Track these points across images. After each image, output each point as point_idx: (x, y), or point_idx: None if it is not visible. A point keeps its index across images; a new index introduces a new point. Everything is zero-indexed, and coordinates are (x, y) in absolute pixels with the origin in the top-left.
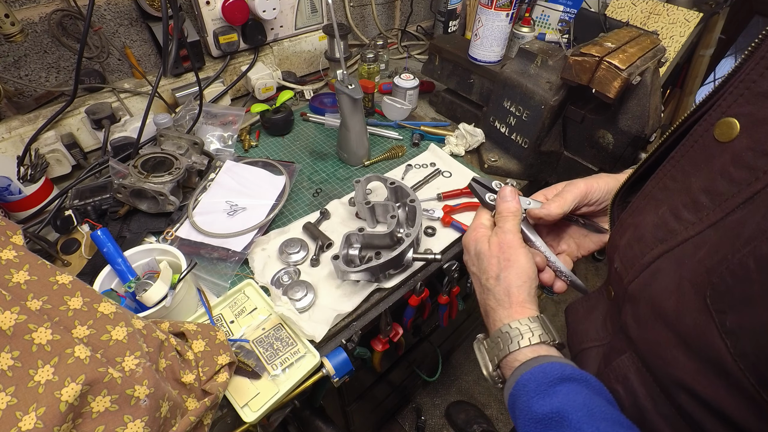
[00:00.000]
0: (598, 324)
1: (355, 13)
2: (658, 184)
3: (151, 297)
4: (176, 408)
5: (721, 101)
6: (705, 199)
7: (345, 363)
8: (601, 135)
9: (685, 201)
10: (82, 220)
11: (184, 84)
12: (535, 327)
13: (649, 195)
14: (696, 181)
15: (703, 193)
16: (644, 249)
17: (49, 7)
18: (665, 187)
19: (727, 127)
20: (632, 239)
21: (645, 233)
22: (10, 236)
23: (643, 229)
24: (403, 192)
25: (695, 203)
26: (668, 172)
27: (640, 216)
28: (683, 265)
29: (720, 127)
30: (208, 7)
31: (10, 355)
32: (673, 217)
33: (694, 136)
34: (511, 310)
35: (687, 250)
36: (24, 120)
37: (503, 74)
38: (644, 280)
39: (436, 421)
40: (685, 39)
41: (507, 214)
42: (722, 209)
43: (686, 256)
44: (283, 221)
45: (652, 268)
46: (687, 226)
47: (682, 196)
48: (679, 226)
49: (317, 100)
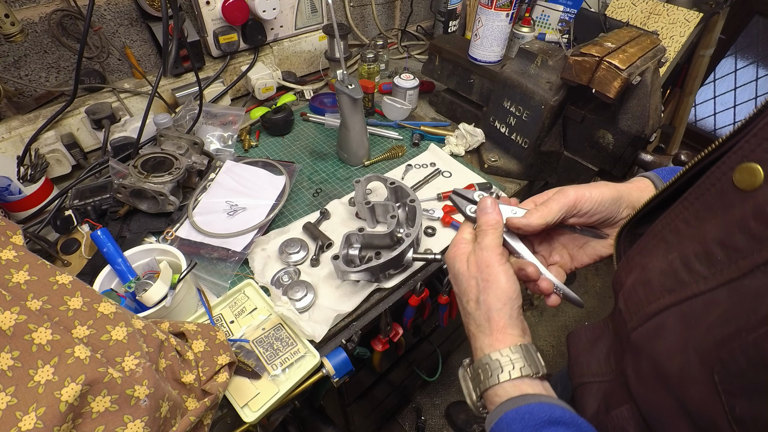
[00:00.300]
0: (601, 357)
1: (355, 13)
2: (669, 225)
3: (151, 297)
4: (176, 408)
5: (743, 143)
6: (720, 252)
7: (345, 363)
8: (601, 135)
9: (698, 251)
10: (82, 220)
11: (184, 84)
12: (517, 359)
13: (658, 235)
14: (711, 230)
15: (718, 246)
16: (650, 296)
17: (49, 7)
18: (677, 230)
19: (749, 174)
20: (638, 282)
21: (652, 279)
22: (10, 236)
23: (651, 273)
24: (403, 192)
25: (708, 255)
26: (680, 213)
27: (649, 257)
28: (691, 327)
29: (741, 172)
30: (208, 7)
31: (10, 355)
32: (683, 266)
33: (710, 178)
34: (491, 337)
35: (696, 308)
36: (24, 120)
37: (503, 74)
38: (648, 332)
39: (436, 421)
40: (685, 39)
41: (486, 227)
42: (738, 268)
43: (695, 316)
44: (283, 221)
45: (657, 320)
46: (698, 279)
47: (695, 244)
48: (690, 278)
49: (317, 100)
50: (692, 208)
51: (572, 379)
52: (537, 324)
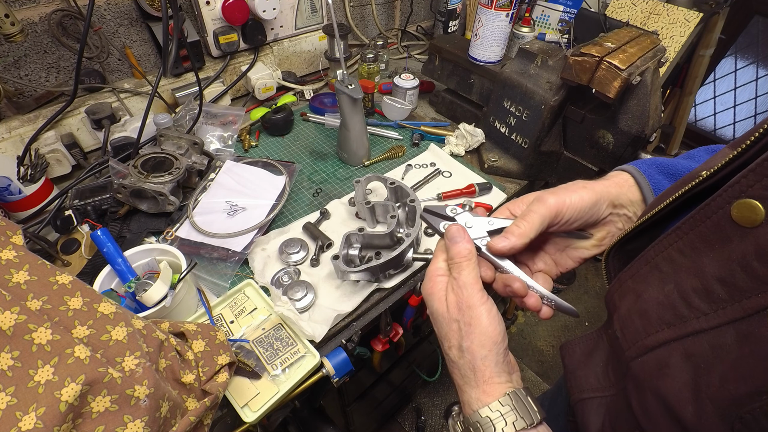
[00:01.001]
0: (599, 370)
1: (355, 13)
2: (663, 253)
3: (151, 297)
4: (176, 408)
5: (741, 178)
6: (720, 290)
7: (345, 363)
8: (601, 135)
9: (696, 286)
10: (82, 220)
11: (184, 84)
12: (508, 412)
13: (651, 262)
14: (709, 265)
15: (719, 283)
16: (648, 328)
17: (49, 7)
18: (671, 260)
19: (748, 210)
20: (634, 311)
21: (649, 309)
22: (10, 236)
23: (647, 303)
24: (403, 192)
25: (708, 292)
26: (674, 242)
27: (643, 285)
28: (700, 372)
29: (740, 208)
30: (208, 7)
31: (10, 355)
32: (681, 300)
33: (706, 210)
34: (478, 390)
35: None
36: (24, 120)
37: (503, 74)
38: (650, 366)
39: (436, 421)
40: (685, 39)
41: (459, 259)
42: (743, 308)
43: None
44: (283, 221)
45: (658, 354)
46: (698, 315)
47: (692, 278)
48: (690, 313)
49: (317, 100)
50: (686, 238)
51: (571, 394)
52: (537, 324)
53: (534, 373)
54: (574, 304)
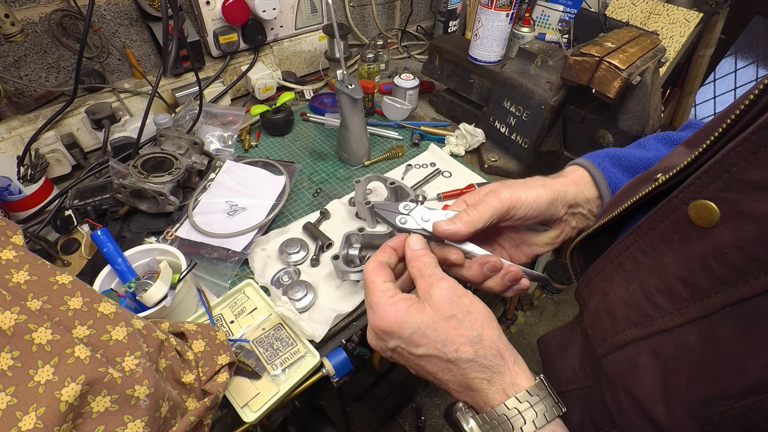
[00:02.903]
0: (575, 363)
1: (355, 13)
2: (625, 252)
3: (151, 297)
4: (176, 408)
5: (695, 180)
6: (682, 289)
7: (345, 363)
8: (601, 135)
9: (659, 285)
10: (82, 220)
11: (184, 84)
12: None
13: (616, 261)
14: (671, 265)
15: (680, 282)
16: (615, 326)
17: (49, 7)
18: (634, 259)
19: (704, 211)
20: (602, 309)
21: (615, 309)
22: (10, 236)
23: (613, 303)
24: (403, 192)
25: (671, 291)
26: (635, 242)
27: (609, 283)
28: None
29: (696, 209)
30: (208, 7)
31: (10, 355)
32: (646, 299)
33: (663, 211)
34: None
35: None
36: (24, 120)
37: (503, 74)
38: (619, 365)
39: (436, 421)
40: (685, 39)
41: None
42: (704, 307)
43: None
44: (283, 221)
45: (626, 353)
46: (663, 314)
47: (655, 278)
48: (654, 311)
49: (317, 100)
50: (647, 237)
51: None
52: (537, 323)
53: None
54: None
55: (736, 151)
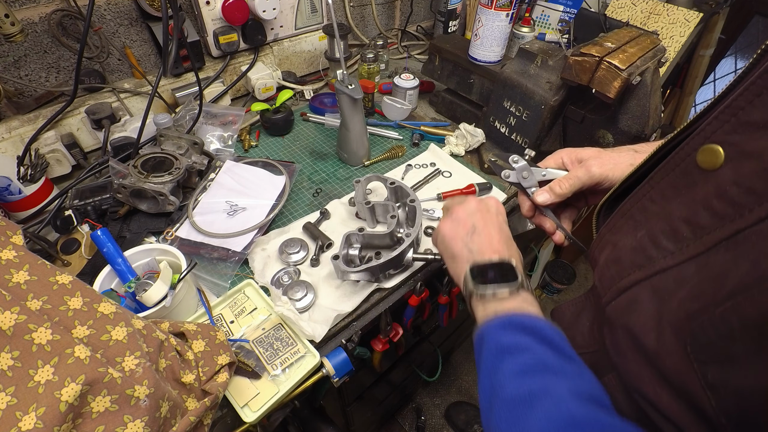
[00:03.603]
0: (585, 329)
1: (355, 13)
2: (637, 204)
3: (151, 297)
4: (176, 408)
5: (706, 126)
6: (685, 229)
7: (345, 363)
8: (601, 135)
9: (664, 228)
10: (82, 220)
11: (184, 84)
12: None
13: (627, 214)
14: (677, 208)
15: (684, 223)
16: (621, 272)
17: (49, 7)
18: (644, 209)
19: (711, 154)
20: (610, 259)
21: (622, 256)
22: (10, 236)
23: (621, 251)
24: (403, 192)
25: (675, 232)
26: (647, 193)
27: (619, 235)
28: (663, 302)
29: (703, 153)
30: (208, 7)
31: (10, 355)
32: (651, 243)
33: (675, 159)
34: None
35: (666, 283)
36: (24, 120)
37: (503, 74)
38: (621, 305)
39: (436, 421)
40: (685, 39)
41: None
42: (703, 243)
43: (666, 291)
44: (283, 221)
45: (629, 294)
46: (666, 255)
47: (661, 222)
48: (658, 254)
49: (317, 100)
50: (658, 187)
51: None
52: None
53: None
54: None
55: (743, 96)
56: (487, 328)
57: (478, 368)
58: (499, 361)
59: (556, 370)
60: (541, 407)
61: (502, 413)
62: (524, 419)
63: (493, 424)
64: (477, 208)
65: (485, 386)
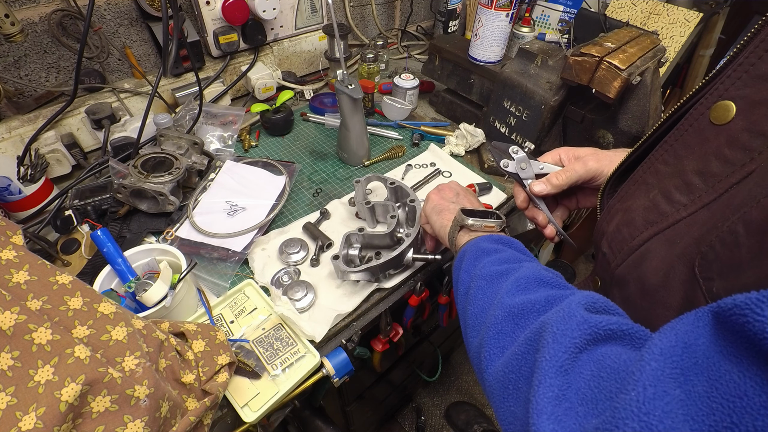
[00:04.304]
0: None
1: (355, 13)
2: (650, 169)
3: (151, 297)
4: (176, 408)
5: (719, 85)
6: (698, 180)
7: (345, 363)
8: (601, 135)
9: (678, 184)
10: (82, 220)
11: (184, 84)
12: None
13: (639, 180)
14: (689, 164)
15: (697, 175)
16: (633, 232)
17: (49, 7)
18: (656, 172)
19: (723, 110)
20: (621, 223)
21: (635, 217)
22: (10, 236)
23: (633, 213)
24: (403, 192)
25: (688, 185)
26: (660, 156)
27: (630, 200)
28: (675, 245)
29: (716, 110)
30: (208, 7)
31: (10, 355)
32: (664, 199)
33: (689, 119)
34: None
35: (679, 230)
36: (24, 120)
37: (503, 74)
38: (633, 261)
39: (436, 421)
40: (685, 39)
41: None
42: (716, 190)
43: (678, 236)
44: (283, 221)
45: (641, 250)
46: (679, 208)
47: (674, 179)
48: (671, 208)
49: (317, 100)
50: (671, 149)
51: None
52: None
53: None
54: None
55: (753, 53)
56: (468, 245)
57: (455, 282)
58: (479, 260)
59: (530, 260)
60: (513, 274)
61: (480, 286)
62: (499, 283)
63: (469, 299)
64: (456, 185)
65: (464, 281)
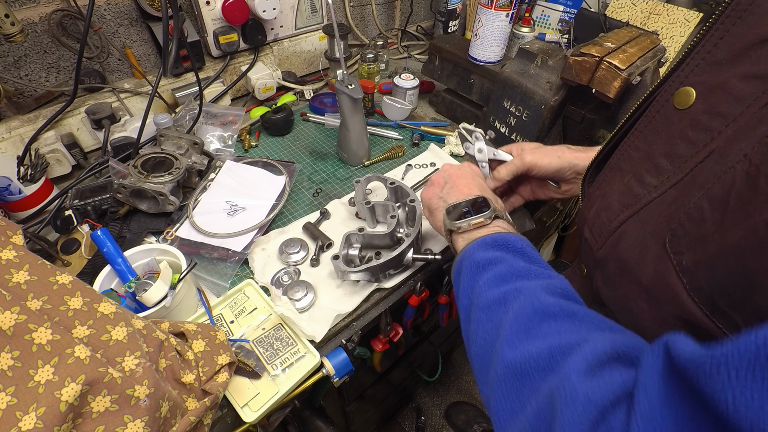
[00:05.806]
0: None
1: (355, 13)
2: (623, 155)
3: (151, 297)
4: (176, 408)
5: (680, 72)
6: (666, 162)
7: (345, 363)
8: (601, 135)
9: (648, 167)
10: (82, 220)
11: (184, 84)
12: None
13: (615, 167)
14: (658, 148)
15: (665, 158)
16: (611, 216)
17: (49, 7)
18: (629, 158)
19: (685, 95)
20: (600, 209)
21: (612, 201)
22: (10, 236)
23: (610, 198)
24: (403, 192)
25: (657, 168)
26: (632, 143)
27: (607, 187)
28: (647, 224)
29: (679, 96)
30: (208, 7)
31: (10, 355)
32: (637, 183)
33: (656, 106)
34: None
35: (651, 210)
36: (24, 120)
37: (503, 74)
38: (611, 243)
39: (436, 421)
40: (685, 39)
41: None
42: (682, 170)
43: (650, 215)
44: (283, 221)
45: (618, 231)
46: (650, 189)
47: (645, 163)
48: (643, 190)
49: (317, 100)
50: (642, 135)
51: None
52: None
53: None
54: None
55: (710, 40)
56: (464, 254)
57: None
58: (476, 277)
59: (528, 274)
60: (513, 304)
61: (480, 318)
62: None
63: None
64: (448, 168)
65: (464, 304)
